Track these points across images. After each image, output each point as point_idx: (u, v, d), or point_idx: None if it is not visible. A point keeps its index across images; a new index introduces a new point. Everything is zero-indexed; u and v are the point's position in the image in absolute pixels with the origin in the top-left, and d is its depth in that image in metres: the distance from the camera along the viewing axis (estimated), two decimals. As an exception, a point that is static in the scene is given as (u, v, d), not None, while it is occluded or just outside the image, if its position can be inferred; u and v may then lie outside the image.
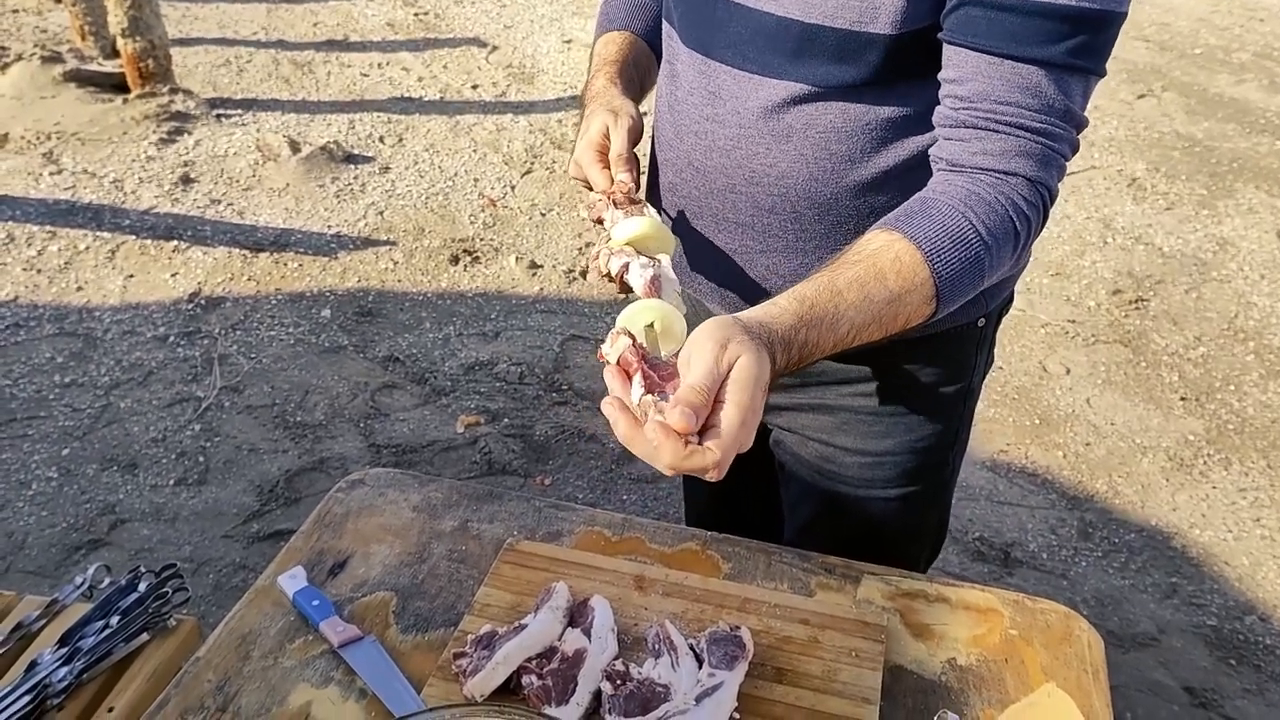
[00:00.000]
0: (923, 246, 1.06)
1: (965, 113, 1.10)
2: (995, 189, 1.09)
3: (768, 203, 1.26)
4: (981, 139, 1.10)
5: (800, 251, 1.28)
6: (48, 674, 1.29)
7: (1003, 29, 1.05)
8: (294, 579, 1.24)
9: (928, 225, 1.07)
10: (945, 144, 1.14)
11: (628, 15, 1.48)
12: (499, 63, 5.82)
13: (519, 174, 4.66)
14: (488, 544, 1.32)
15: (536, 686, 1.08)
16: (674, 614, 1.21)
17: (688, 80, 1.29)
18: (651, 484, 3.00)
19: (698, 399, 0.91)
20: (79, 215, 4.07)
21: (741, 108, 1.23)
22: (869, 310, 1.04)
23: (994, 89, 1.08)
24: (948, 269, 1.06)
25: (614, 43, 1.45)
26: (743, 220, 1.29)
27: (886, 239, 1.07)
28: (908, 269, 1.05)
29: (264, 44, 5.83)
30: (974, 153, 1.10)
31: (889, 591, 1.27)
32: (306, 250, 3.99)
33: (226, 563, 2.63)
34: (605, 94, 1.35)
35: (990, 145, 1.09)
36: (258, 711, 1.09)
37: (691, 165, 1.31)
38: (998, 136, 1.09)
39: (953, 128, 1.12)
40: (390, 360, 3.44)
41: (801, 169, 1.22)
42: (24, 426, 3.03)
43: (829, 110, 1.19)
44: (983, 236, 1.07)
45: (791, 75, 1.18)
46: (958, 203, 1.08)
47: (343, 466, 2.95)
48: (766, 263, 1.30)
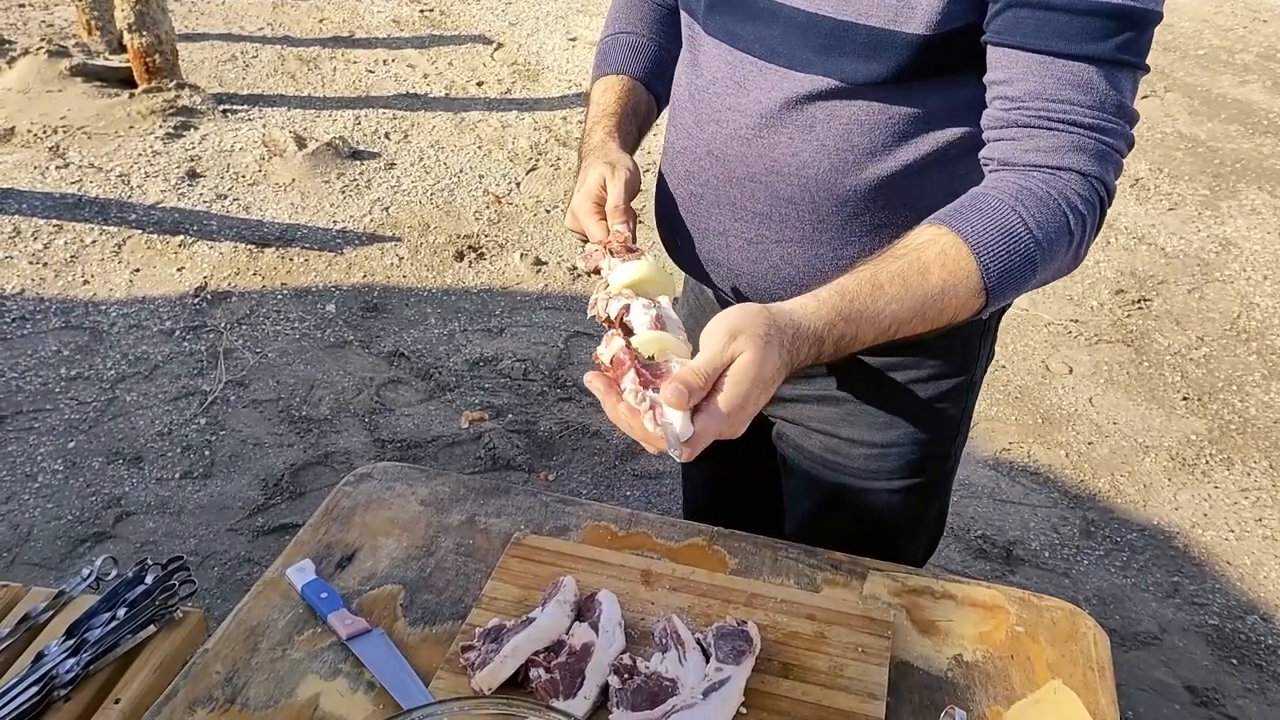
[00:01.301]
0: (970, 240, 1.05)
1: (1016, 112, 1.10)
2: (1048, 184, 1.08)
3: (787, 192, 1.26)
4: (1034, 136, 1.09)
5: (815, 242, 1.28)
6: (55, 665, 1.30)
7: (1052, 28, 1.05)
8: (302, 571, 1.25)
9: (976, 219, 1.07)
10: (996, 145, 1.13)
11: (625, 58, 1.48)
12: (504, 60, 5.83)
13: (524, 171, 4.66)
14: (495, 538, 1.33)
15: (544, 680, 1.08)
16: (681, 609, 1.21)
17: (711, 69, 1.29)
18: (655, 480, 3.01)
19: (695, 380, 0.93)
20: (85, 209, 4.08)
21: (765, 98, 1.23)
22: (911, 304, 1.04)
23: (1045, 87, 1.08)
24: (996, 263, 1.05)
25: (613, 90, 1.44)
26: (760, 210, 1.29)
27: (933, 233, 1.07)
28: (953, 263, 1.05)
29: (270, 40, 5.83)
30: (1026, 150, 1.10)
31: (895, 588, 1.27)
32: (312, 245, 4.00)
33: (231, 556, 2.64)
34: (603, 148, 1.35)
35: (1043, 142, 1.09)
36: (266, 703, 1.09)
37: (711, 153, 1.31)
38: (1051, 133, 1.08)
39: (1003, 128, 1.12)
40: (395, 356, 3.44)
41: (823, 160, 1.22)
42: (30, 419, 3.04)
43: (854, 104, 1.19)
44: (1033, 231, 1.06)
45: (818, 69, 1.18)
46: (1008, 197, 1.07)
47: (348, 461, 2.96)
48: (781, 253, 1.30)
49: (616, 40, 1.49)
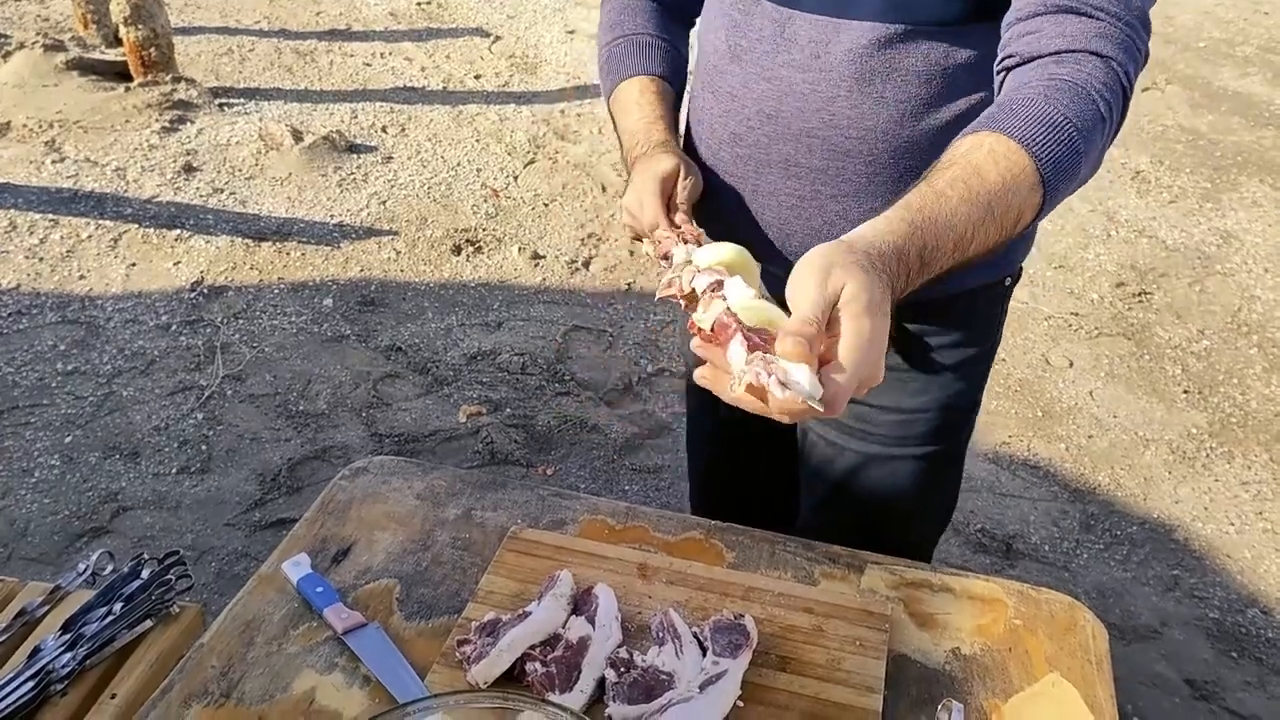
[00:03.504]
0: (1014, 135, 1.01)
1: (1039, 2, 1.08)
2: (1074, 74, 1.05)
3: (844, 146, 1.25)
4: (1058, 23, 1.07)
5: (872, 195, 1.27)
6: (51, 660, 1.29)
7: None
8: (298, 565, 1.24)
9: (1014, 119, 1.03)
10: (1017, 40, 1.10)
11: (648, 59, 1.43)
12: (502, 53, 5.81)
13: (522, 164, 4.65)
14: (491, 532, 1.32)
15: (540, 674, 1.08)
16: (678, 602, 1.20)
17: (756, 27, 1.27)
18: (653, 474, 3.00)
19: (807, 328, 0.84)
20: (81, 203, 4.07)
21: (822, 51, 1.22)
22: (979, 205, 0.98)
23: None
24: (1047, 152, 1.01)
25: (650, 92, 1.39)
26: (816, 165, 1.27)
27: (976, 139, 1.03)
28: (1004, 159, 1.00)
29: (266, 33, 5.82)
30: (1051, 37, 1.07)
31: (893, 581, 1.27)
32: (309, 239, 3.99)
33: (229, 551, 2.63)
34: (670, 144, 1.31)
35: (1069, 28, 1.07)
36: (261, 697, 1.09)
37: (762, 113, 1.29)
38: (1075, 18, 1.07)
39: (1027, 19, 1.09)
40: (392, 350, 3.44)
41: (882, 112, 1.22)
42: (26, 414, 3.03)
43: (912, 52, 1.18)
44: (1072, 120, 1.02)
45: (875, 15, 1.17)
46: (1039, 93, 1.04)
47: (345, 456, 2.95)
48: (838, 208, 1.29)
49: (631, 42, 1.46)
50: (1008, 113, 1.04)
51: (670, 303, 1.11)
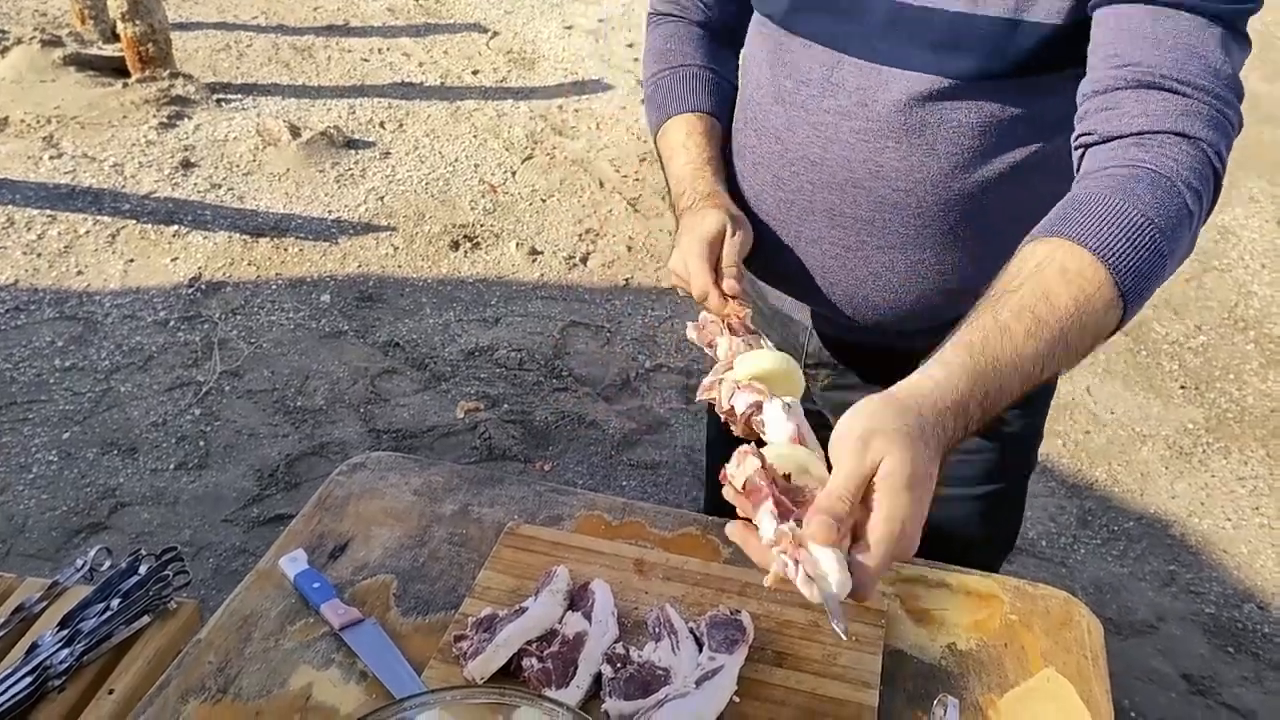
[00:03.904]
0: (1089, 245, 0.91)
1: (1124, 72, 0.99)
2: (1158, 158, 0.96)
3: (892, 198, 1.19)
4: (1140, 99, 0.98)
5: (920, 247, 1.22)
6: (48, 656, 1.29)
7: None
8: (295, 561, 1.24)
9: (1088, 221, 0.93)
10: (1094, 116, 1.01)
11: (695, 94, 1.36)
12: (499, 48, 5.81)
13: (519, 160, 4.65)
14: (488, 528, 1.32)
15: (537, 669, 1.08)
16: (674, 598, 1.21)
17: (801, 69, 1.21)
18: (651, 470, 3.01)
19: (839, 506, 0.78)
20: (79, 199, 4.06)
21: (869, 100, 1.16)
22: (1049, 336, 0.88)
23: (1157, 43, 0.98)
24: (1126, 262, 0.91)
25: (698, 132, 1.32)
26: (862, 215, 1.22)
27: (1044, 250, 0.93)
28: (1078, 277, 0.90)
29: (264, 28, 5.81)
30: (1133, 116, 0.98)
31: (889, 577, 1.27)
32: (307, 235, 3.99)
33: (226, 547, 2.64)
34: (717, 195, 1.24)
35: (1150, 105, 0.97)
36: (259, 693, 1.09)
37: (806, 159, 1.23)
38: (1159, 94, 0.97)
39: (1105, 93, 1.00)
40: (390, 346, 3.44)
41: (931, 164, 1.16)
42: (24, 410, 3.03)
43: (962, 105, 1.12)
44: (1154, 220, 0.93)
45: (928, 67, 1.11)
46: (1116, 187, 0.94)
47: (343, 451, 2.95)
48: (884, 259, 1.24)
49: (677, 75, 1.38)
50: (1082, 214, 0.94)
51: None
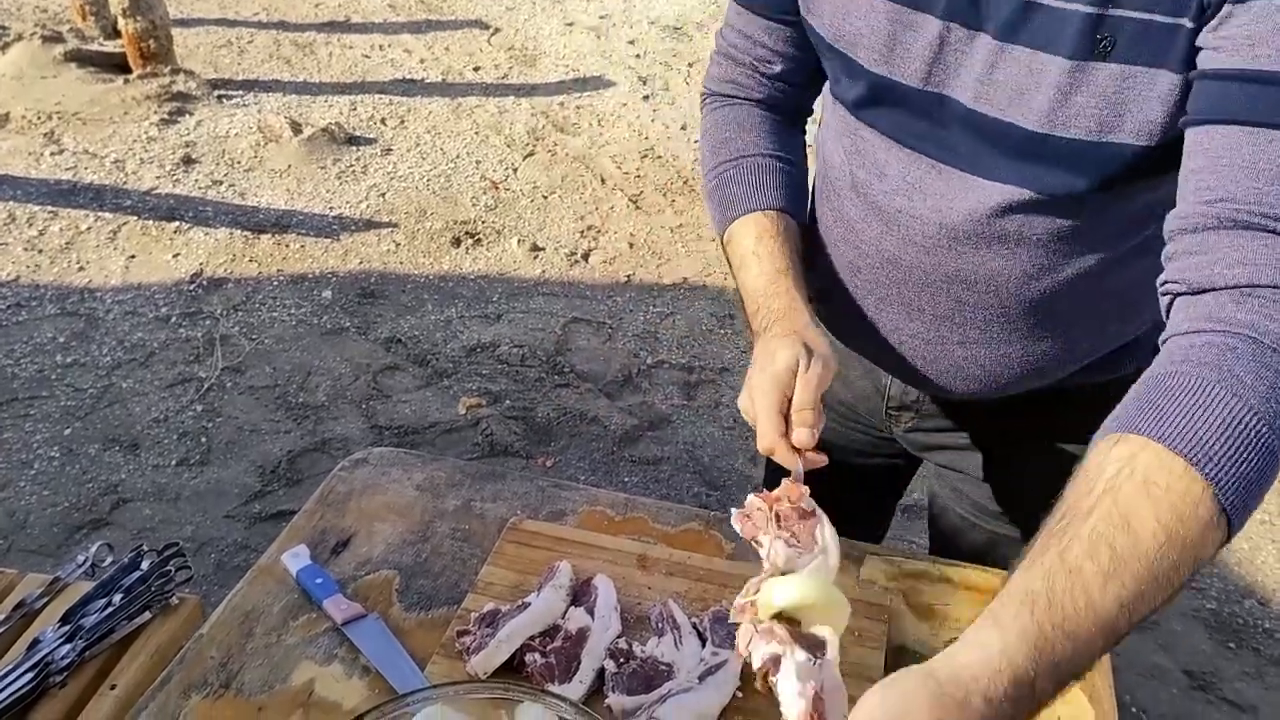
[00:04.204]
0: (1180, 448, 0.75)
1: (1214, 209, 0.84)
2: (1260, 322, 0.80)
3: (971, 299, 1.13)
4: (1236, 243, 0.82)
5: (1003, 342, 1.16)
6: (50, 652, 1.29)
7: (1272, 102, 0.82)
8: (297, 557, 1.24)
9: (1177, 414, 0.77)
10: (1183, 260, 0.87)
11: (766, 189, 1.23)
12: (501, 45, 5.80)
13: (521, 156, 4.65)
14: (491, 523, 1.32)
15: (540, 664, 1.08)
16: (677, 593, 1.21)
17: (876, 163, 1.14)
18: (653, 466, 3.01)
19: None
20: (80, 195, 4.06)
21: (946, 205, 1.08)
22: (1132, 576, 0.72)
23: (1252, 177, 0.82)
24: (1227, 470, 0.74)
25: (770, 235, 1.18)
26: (941, 313, 1.17)
27: (1123, 454, 0.77)
28: (1167, 493, 0.74)
29: (265, 25, 5.80)
30: (1229, 264, 0.82)
31: (892, 572, 1.27)
32: (308, 232, 3.98)
33: (228, 543, 2.64)
34: (791, 315, 1.10)
35: (1250, 251, 0.82)
36: (261, 688, 1.09)
37: (881, 253, 1.17)
38: (1261, 238, 0.82)
39: (1196, 232, 0.86)
40: (392, 342, 3.43)
41: (1014, 268, 1.09)
42: (26, 406, 3.03)
43: (1049, 217, 1.05)
44: (1259, 410, 0.76)
45: (1009, 179, 1.03)
46: (1208, 371, 0.78)
47: (345, 447, 2.95)
48: (964, 353, 1.19)
49: (742, 167, 1.25)
50: (1171, 402, 0.78)
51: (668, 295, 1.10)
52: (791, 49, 1.23)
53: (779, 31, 1.22)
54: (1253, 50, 0.82)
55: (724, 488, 2.96)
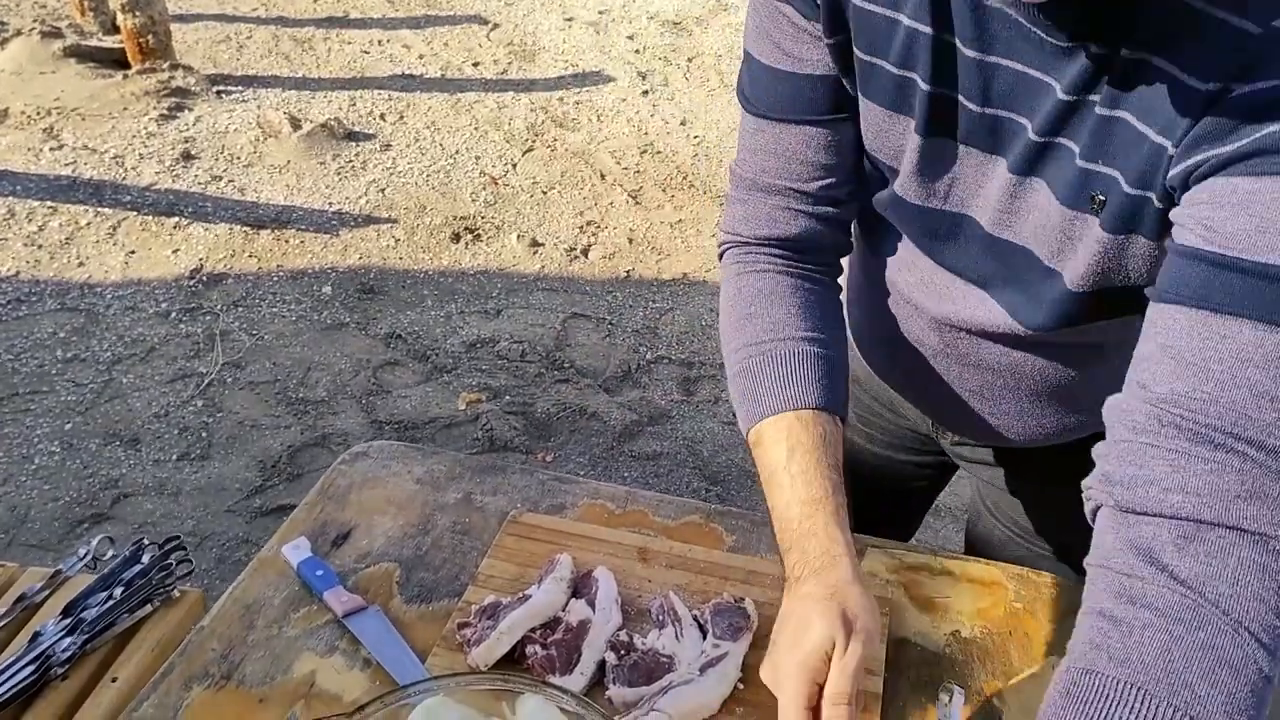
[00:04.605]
0: None
1: (1160, 409, 0.77)
2: (1206, 586, 0.72)
3: (998, 382, 1.15)
4: (1174, 460, 0.75)
5: (1035, 416, 1.19)
6: (51, 644, 1.29)
7: (1250, 296, 0.74)
8: (298, 549, 1.24)
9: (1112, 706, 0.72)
10: (1117, 466, 0.79)
11: (800, 384, 1.05)
12: (500, 40, 5.80)
13: (520, 152, 4.65)
14: (491, 516, 1.32)
15: (541, 656, 1.08)
16: (678, 585, 1.21)
17: (887, 247, 1.14)
18: (652, 460, 3.01)
19: None
20: (80, 191, 4.06)
21: (966, 311, 1.08)
22: None
23: (1200, 376, 0.75)
24: None
25: (804, 449, 1.02)
26: (970, 388, 1.19)
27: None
28: None
29: (264, 20, 5.80)
30: (1163, 488, 0.75)
31: (893, 564, 1.27)
32: (308, 227, 3.98)
33: (229, 537, 2.64)
34: (830, 570, 0.94)
35: (1191, 475, 0.74)
36: (262, 680, 1.09)
37: (909, 331, 1.19)
38: (1205, 454, 0.74)
39: (1131, 436, 0.79)
40: (392, 337, 3.43)
41: (1036, 365, 1.10)
42: (26, 401, 3.03)
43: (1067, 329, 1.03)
44: None
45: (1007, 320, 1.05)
46: (1156, 677, 0.71)
47: (345, 442, 2.95)
48: (997, 421, 1.21)
49: (769, 357, 1.07)
50: (1102, 702, 0.72)
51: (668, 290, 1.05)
52: (832, 155, 1.06)
53: (818, 136, 1.05)
54: (1211, 232, 0.76)
55: (723, 482, 2.96)
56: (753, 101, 1.07)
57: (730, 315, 1.13)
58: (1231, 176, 0.75)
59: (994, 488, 1.40)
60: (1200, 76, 0.76)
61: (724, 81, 5.45)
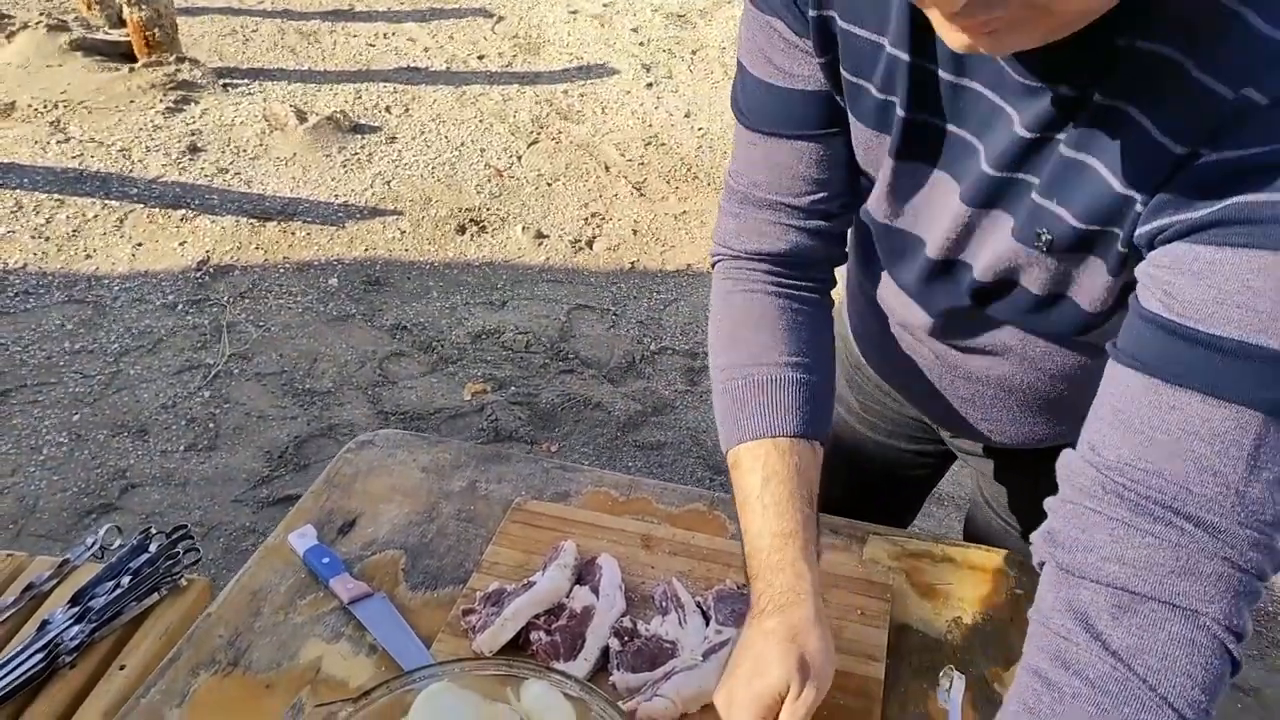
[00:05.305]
0: None
1: (1105, 475, 0.78)
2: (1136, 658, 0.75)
3: (988, 392, 1.15)
4: (1114, 530, 0.77)
5: (1026, 423, 1.19)
6: (59, 633, 1.30)
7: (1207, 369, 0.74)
8: (304, 537, 1.25)
9: None
10: (1062, 524, 0.81)
11: (781, 410, 1.05)
12: (505, 33, 5.80)
13: (525, 144, 4.65)
14: (496, 504, 1.33)
15: (545, 642, 1.09)
16: (681, 572, 1.21)
17: (872, 256, 1.15)
18: (656, 450, 3.01)
19: None
20: (87, 183, 4.07)
21: (945, 321, 1.09)
22: None
23: (1146, 444, 0.76)
24: None
25: (779, 479, 1.02)
26: (961, 395, 1.19)
27: None
28: None
29: (270, 14, 5.80)
30: (1105, 557, 0.77)
31: (895, 551, 1.28)
32: (314, 219, 3.99)
33: (236, 527, 2.65)
34: (795, 609, 0.96)
35: (1130, 546, 0.76)
36: (269, 666, 1.10)
37: (901, 337, 1.20)
38: (1144, 526, 0.76)
39: (1077, 498, 0.81)
40: (398, 329, 3.44)
41: (1020, 373, 1.10)
42: (35, 393, 3.04)
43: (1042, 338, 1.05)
44: None
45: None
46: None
47: (351, 433, 2.96)
48: (989, 426, 1.22)
49: (751, 382, 1.07)
50: None
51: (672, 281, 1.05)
52: (824, 170, 1.05)
53: (810, 151, 1.04)
54: (1170, 299, 0.76)
55: (727, 472, 2.96)
56: (746, 114, 1.07)
57: (717, 332, 1.13)
58: (1194, 244, 0.75)
59: (992, 480, 1.41)
60: (1172, 136, 0.75)
61: (727, 74, 5.45)
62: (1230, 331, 0.72)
